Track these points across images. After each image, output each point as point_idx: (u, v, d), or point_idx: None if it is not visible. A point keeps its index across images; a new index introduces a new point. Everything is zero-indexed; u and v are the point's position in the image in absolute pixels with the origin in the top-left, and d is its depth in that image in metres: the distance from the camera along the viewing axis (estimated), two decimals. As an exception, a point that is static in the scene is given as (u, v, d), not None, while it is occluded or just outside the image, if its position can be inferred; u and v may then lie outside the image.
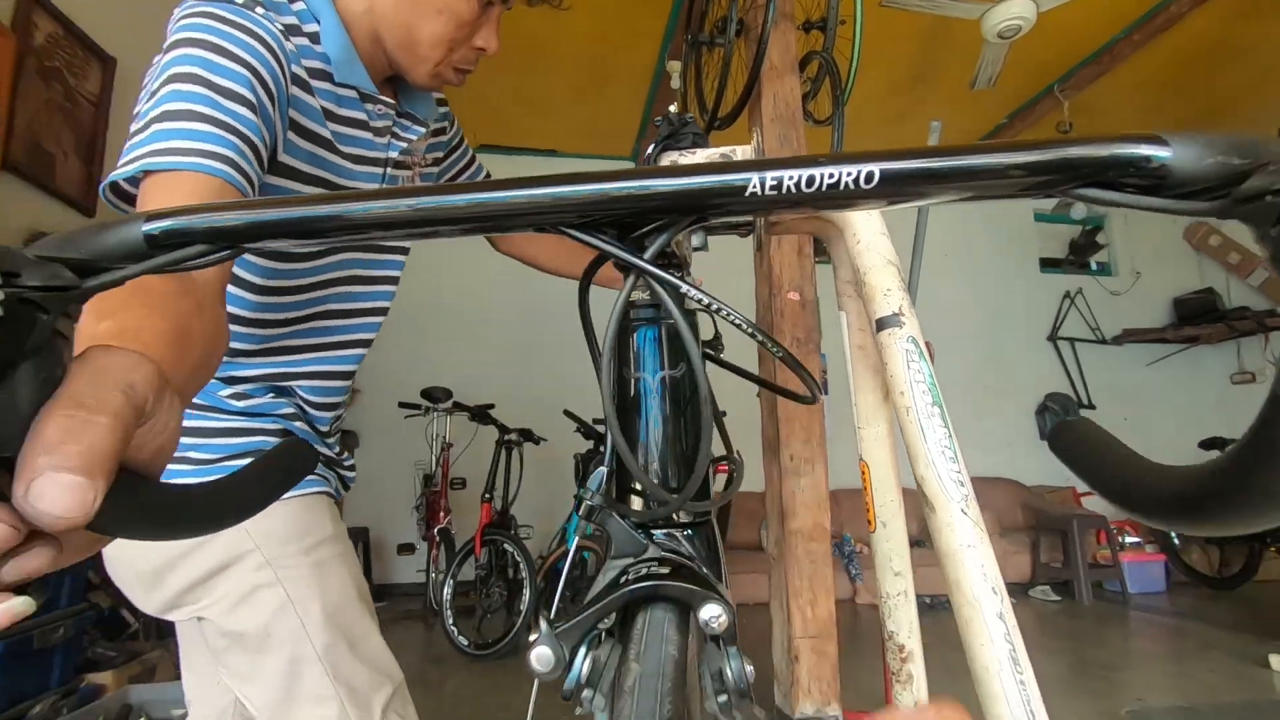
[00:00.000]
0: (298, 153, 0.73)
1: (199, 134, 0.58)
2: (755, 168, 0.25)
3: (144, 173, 0.57)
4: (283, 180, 0.72)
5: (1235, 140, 0.20)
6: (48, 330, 0.24)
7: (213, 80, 0.61)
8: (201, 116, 0.59)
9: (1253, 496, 0.20)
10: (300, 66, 0.71)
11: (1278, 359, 0.69)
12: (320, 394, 0.84)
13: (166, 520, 0.28)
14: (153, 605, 0.76)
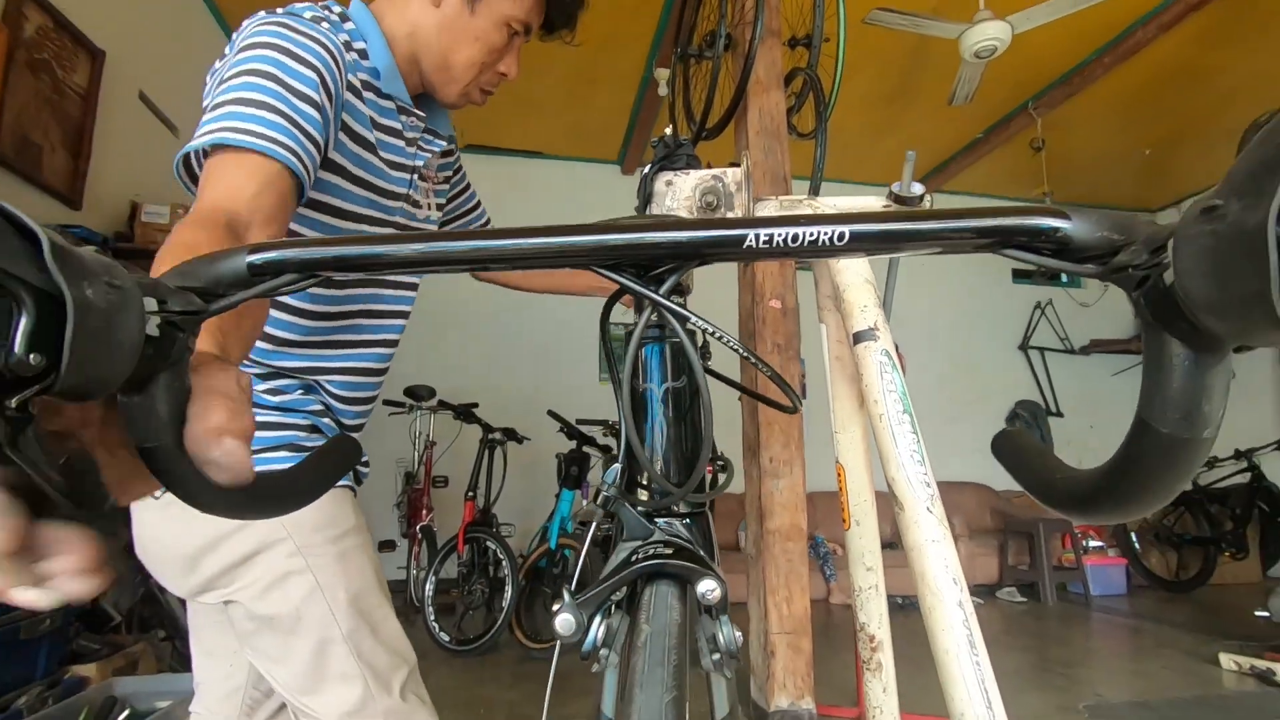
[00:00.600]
0: (346, 152, 0.79)
1: (270, 123, 0.65)
2: (752, 225, 0.31)
3: (215, 146, 0.64)
4: (330, 175, 0.79)
5: (1119, 219, 0.27)
6: (184, 347, 0.30)
7: (286, 80, 0.68)
8: (273, 109, 0.66)
9: (1121, 497, 0.27)
10: (355, 76, 0.79)
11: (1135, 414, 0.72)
12: (350, 389, 0.88)
13: (245, 502, 0.34)
14: (186, 587, 0.79)
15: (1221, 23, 3.52)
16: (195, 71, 3.45)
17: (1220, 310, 0.19)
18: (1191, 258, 0.20)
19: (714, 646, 0.37)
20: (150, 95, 2.95)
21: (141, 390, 0.31)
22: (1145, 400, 0.24)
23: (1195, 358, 0.22)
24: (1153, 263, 0.23)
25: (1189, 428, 0.23)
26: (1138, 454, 0.25)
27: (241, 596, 0.78)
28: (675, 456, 0.42)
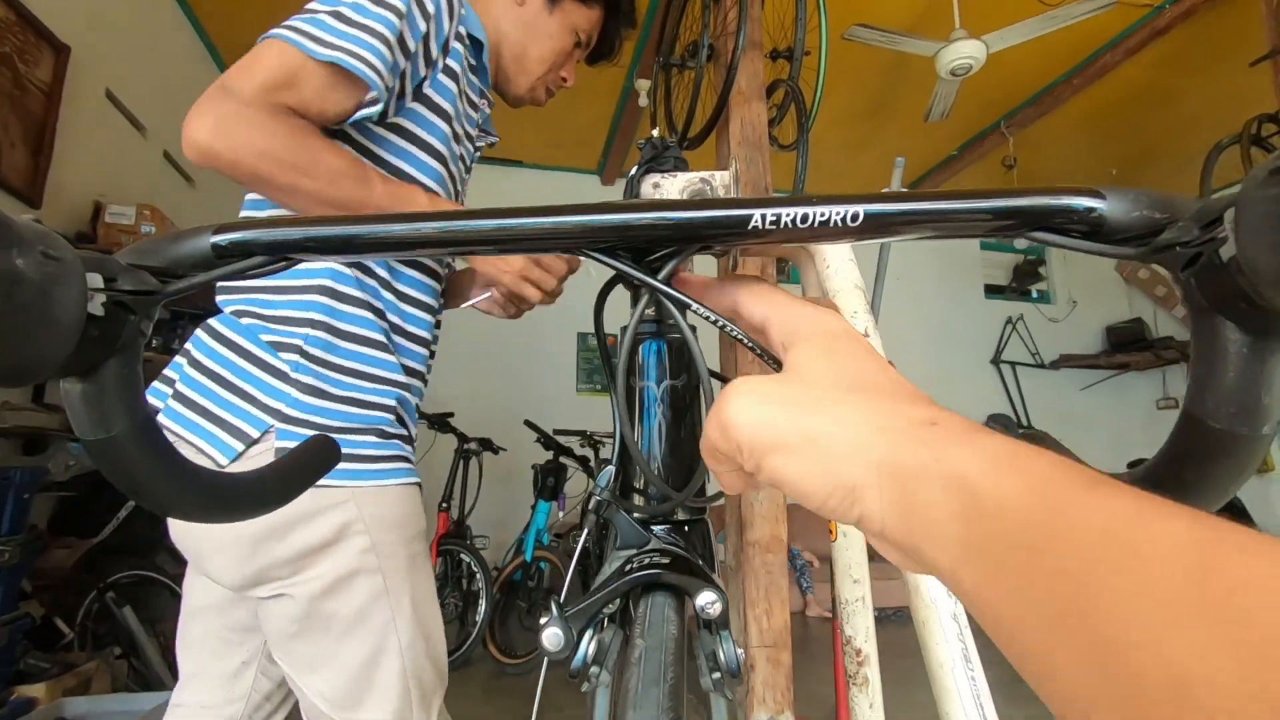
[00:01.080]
0: (443, 91, 0.82)
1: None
2: (758, 205, 0.29)
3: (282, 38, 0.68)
4: (420, 107, 0.81)
5: (1157, 196, 0.25)
6: (134, 330, 0.27)
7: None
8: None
9: None
10: (462, 44, 0.85)
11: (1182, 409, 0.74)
12: (419, 360, 0.86)
13: (209, 502, 0.31)
14: (237, 577, 0.72)
15: (1184, 48, 3.64)
16: (165, 71, 3.37)
17: None
18: (1257, 226, 0.18)
19: (714, 664, 0.34)
20: (117, 94, 2.87)
21: (87, 377, 0.27)
22: (1195, 394, 0.22)
23: (1254, 344, 0.21)
24: (1205, 238, 0.21)
25: (1246, 423, 0.21)
26: (1186, 454, 0.23)
27: (300, 591, 0.72)
28: (674, 460, 0.39)
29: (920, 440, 0.21)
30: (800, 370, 0.27)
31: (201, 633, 0.82)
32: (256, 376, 0.73)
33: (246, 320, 0.76)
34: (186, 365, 0.76)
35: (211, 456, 0.70)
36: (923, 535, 0.20)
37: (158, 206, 2.73)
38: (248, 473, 0.35)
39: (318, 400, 0.73)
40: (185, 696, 0.83)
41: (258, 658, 0.83)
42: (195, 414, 0.73)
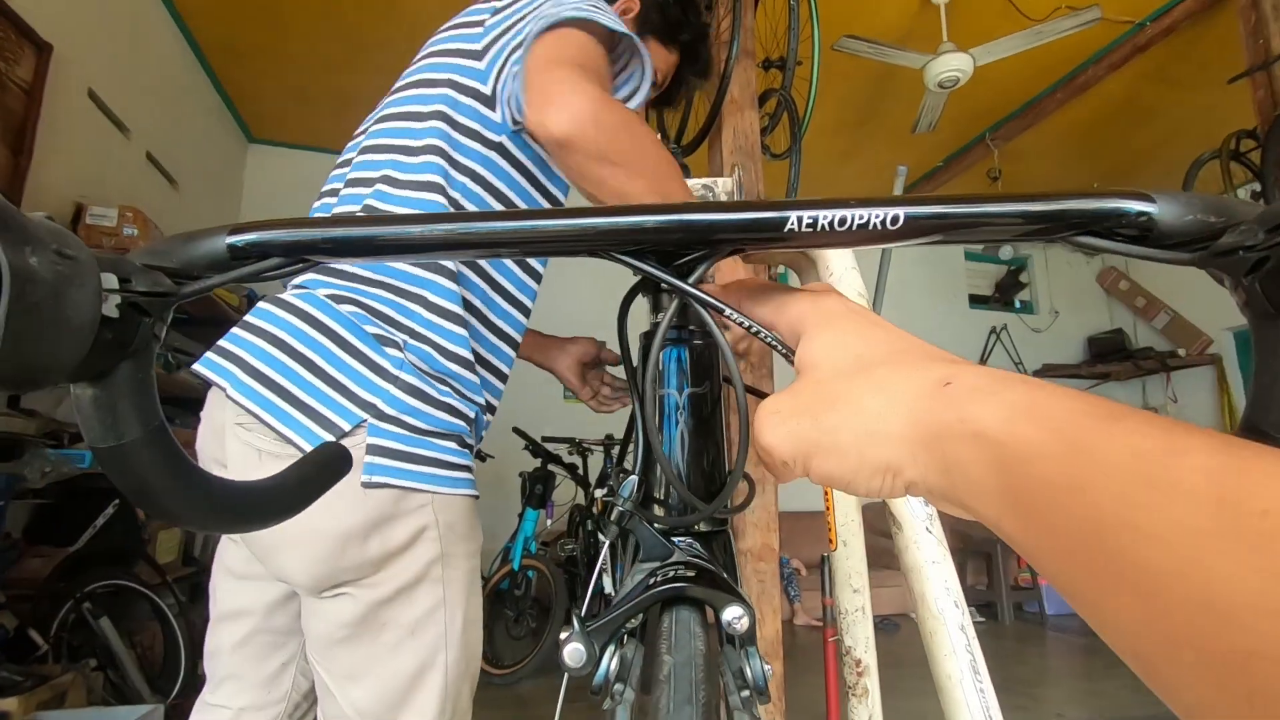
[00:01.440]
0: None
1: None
2: (793, 207, 0.28)
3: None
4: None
5: (1212, 200, 0.24)
6: (148, 333, 0.26)
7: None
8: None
9: None
10: None
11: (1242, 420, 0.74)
12: (495, 394, 0.88)
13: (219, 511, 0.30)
14: (315, 574, 0.68)
15: (1165, 64, 3.71)
16: (149, 72, 3.33)
17: None
18: None
19: (742, 682, 0.33)
20: (100, 94, 2.83)
21: (99, 381, 0.26)
22: (1258, 404, 0.22)
23: (1324, 352, 0.20)
24: (1271, 242, 0.20)
25: None
26: None
27: (365, 594, 0.69)
28: (696, 469, 0.38)
29: (939, 402, 0.22)
30: (809, 368, 0.28)
31: (241, 636, 0.79)
32: (354, 369, 0.70)
33: (347, 308, 0.72)
34: (263, 342, 0.71)
35: (296, 444, 0.67)
36: (965, 491, 0.21)
37: (140, 208, 2.69)
38: (262, 480, 0.33)
39: (416, 401, 0.71)
40: (223, 699, 0.80)
41: (297, 658, 0.81)
42: (279, 398, 0.68)
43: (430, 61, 0.83)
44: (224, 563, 0.80)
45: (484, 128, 0.78)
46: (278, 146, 4.61)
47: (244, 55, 3.68)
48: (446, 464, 0.73)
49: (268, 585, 0.78)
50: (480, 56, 0.78)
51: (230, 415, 0.71)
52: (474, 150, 0.77)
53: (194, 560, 2.99)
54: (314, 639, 0.72)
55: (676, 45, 0.99)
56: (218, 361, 0.72)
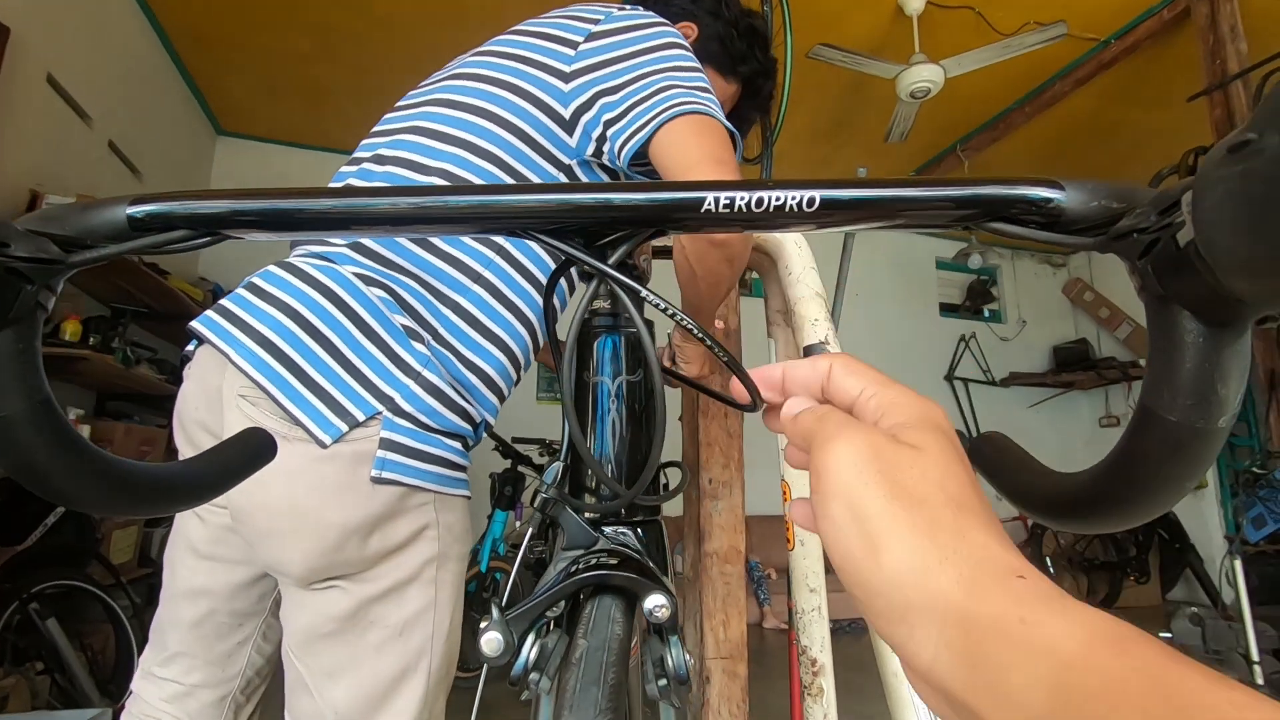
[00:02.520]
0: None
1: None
2: (711, 188, 0.28)
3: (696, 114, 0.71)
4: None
5: (1115, 187, 0.24)
6: (31, 300, 0.24)
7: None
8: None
9: (1123, 499, 0.25)
10: None
11: (1138, 402, 0.78)
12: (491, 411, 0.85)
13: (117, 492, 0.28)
14: (312, 565, 0.65)
15: (1128, 81, 3.81)
16: (111, 57, 3.26)
17: (1253, 267, 0.17)
18: (1216, 207, 0.17)
19: (661, 671, 0.33)
20: (60, 79, 2.75)
21: None
22: (1151, 386, 0.22)
23: (1210, 334, 0.20)
24: (1162, 224, 0.21)
25: (1203, 415, 0.21)
26: (1142, 449, 0.23)
27: (358, 589, 0.67)
28: (628, 457, 0.38)
29: (1007, 593, 0.19)
30: (923, 458, 0.23)
31: (198, 615, 0.76)
32: (376, 359, 0.67)
33: (375, 292, 0.70)
34: (279, 313, 0.67)
35: (306, 428, 0.64)
36: (988, 694, 0.18)
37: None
38: (177, 463, 0.32)
39: (434, 400, 0.69)
40: (174, 674, 0.77)
41: (253, 637, 0.80)
42: (294, 376, 0.65)
43: (505, 64, 0.80)
44: (186, 538, 0.77)
45: (557, 148, 0.77)
46: (248, 140, 4.53)
47: (213, 45, 3.61)
48: (450, 464, 0.72)
49: (233, 567, 0.76)
50: (567, 79, 0.77)
51: (233, 384, 0.67)
52: (541, 168, 0.77)
53: (150, 561, 2.91)
54: (296, 632, 0.69)
55: (736, 77, 0.98)
56: (222, 324, 0.68)
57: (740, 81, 0.99)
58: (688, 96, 0.72)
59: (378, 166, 0.77)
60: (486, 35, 0.89)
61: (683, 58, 0.77)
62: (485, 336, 0.74)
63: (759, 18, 1.02)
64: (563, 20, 0.82)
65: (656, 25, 0.80)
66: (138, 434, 2.81)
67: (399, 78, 4.15)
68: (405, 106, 0.84)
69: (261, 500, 0.65)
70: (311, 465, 0.64)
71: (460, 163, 0.74)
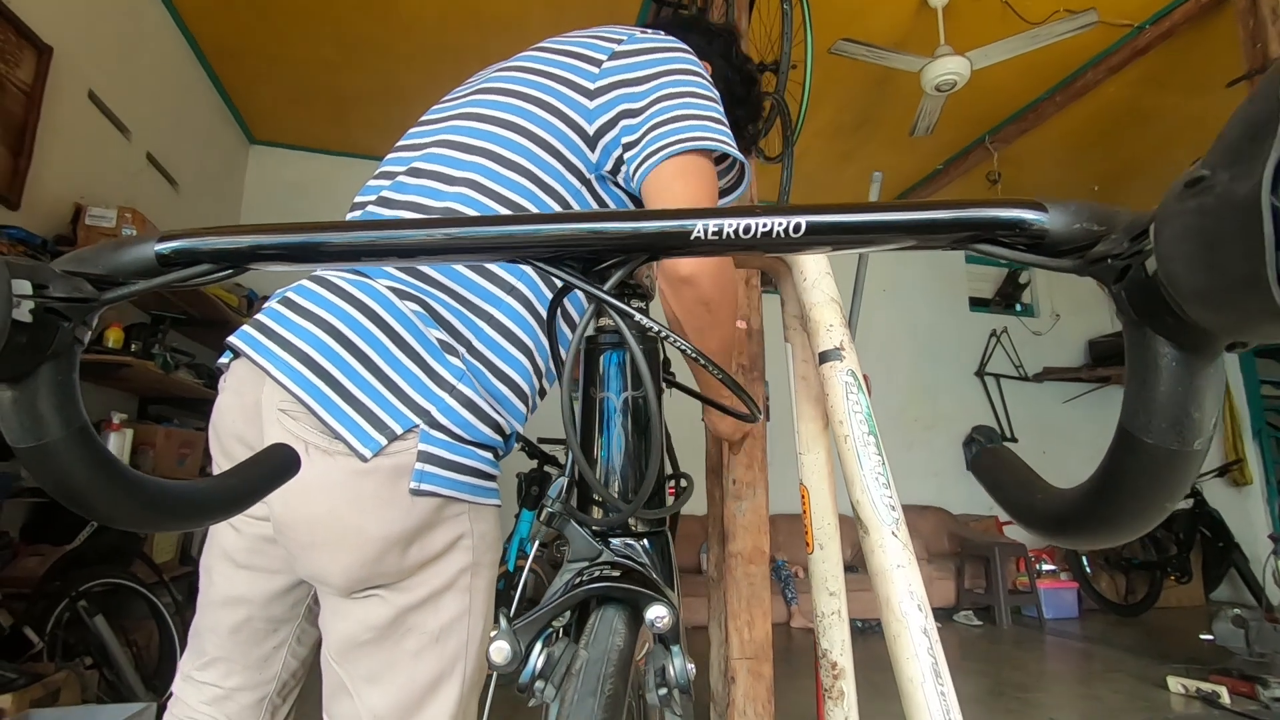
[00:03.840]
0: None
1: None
2: (700, 215, 0.29)
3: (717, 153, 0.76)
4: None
5: (1098, 209, 0.25)
6: (68, 337, 0.26)
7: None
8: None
9: (1104, 518, 0.25)
10: None
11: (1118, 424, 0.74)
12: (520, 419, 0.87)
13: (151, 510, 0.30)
14: (353, 576, 0.68)
15: (1164, 68, 3.70)
16: (149, 73, 3.36)
17: (1210, 299, 0.17)
18: (1175, 240, 0.18)
19: (662, 680, 0.34)
20: (101, 95, 2.85)
21: (17, 383, 0.27)
22: (1128, 408, 0.22)
23: (1183, 358, 0.20)
24: (1133, 251, 0.21)
25: (1178, 438, 0.21)
26: (1121, 470, 0.23)
27: (397, 598, 0.69)
28: (633, 471, 0.39)
29: None
30: None
31: (236, 622, 0.79)
32: (412, 373, 0.69)
33: (409, 306, 0.71)
34: (315, 328, 0.69)
35: (347, 441, 0.65)
36: None
37: (140, 209, 2.71)
38: (204, 480, 0.34)
39: (468, 413, 0.71)
40: (213, 678, 0.81)
41: (288, 641, 0.83)
42: (333, 390, 0.67)
43: (535, 79, 0.82)
44: (221, 548, 0.79)
45: (581, 162, 0.79)
46: (278, 148, 4.64)
47: (243, 57, 3.71)
48: (483, 474, 0.74)
49: (269, 577, 0.78)
50: (591, 96, 0.79)
51: (272, 399, 0.69)
52: (567, 180, 0.79)
53: (191, 560, 3.01)
54: (336, 639, 0.71)
55: (731, 117, 1.02)
56: (259, 339, 0.70)
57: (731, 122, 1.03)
58: (698, 130, 0.75)
59: (412, 179, 0.79)
60: (507, 42, 0.91)
61: (699, 84, 0.79)
62: (517, 347, 0.75)
63: (752, 64, 1.07)
64: (587, 39, 0.84)
65: (677, 50, 0.82)
66: (177, 437, 2.91)
67: (422, 84, 4.22)
68: (431, 121, 0.85)
69: (305, 514, 0.67)
70: (352, 479, 0.66)
71: (486, 172, 0.76)
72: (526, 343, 0.76)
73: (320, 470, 0.66)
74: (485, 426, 0.73)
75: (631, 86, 0.78)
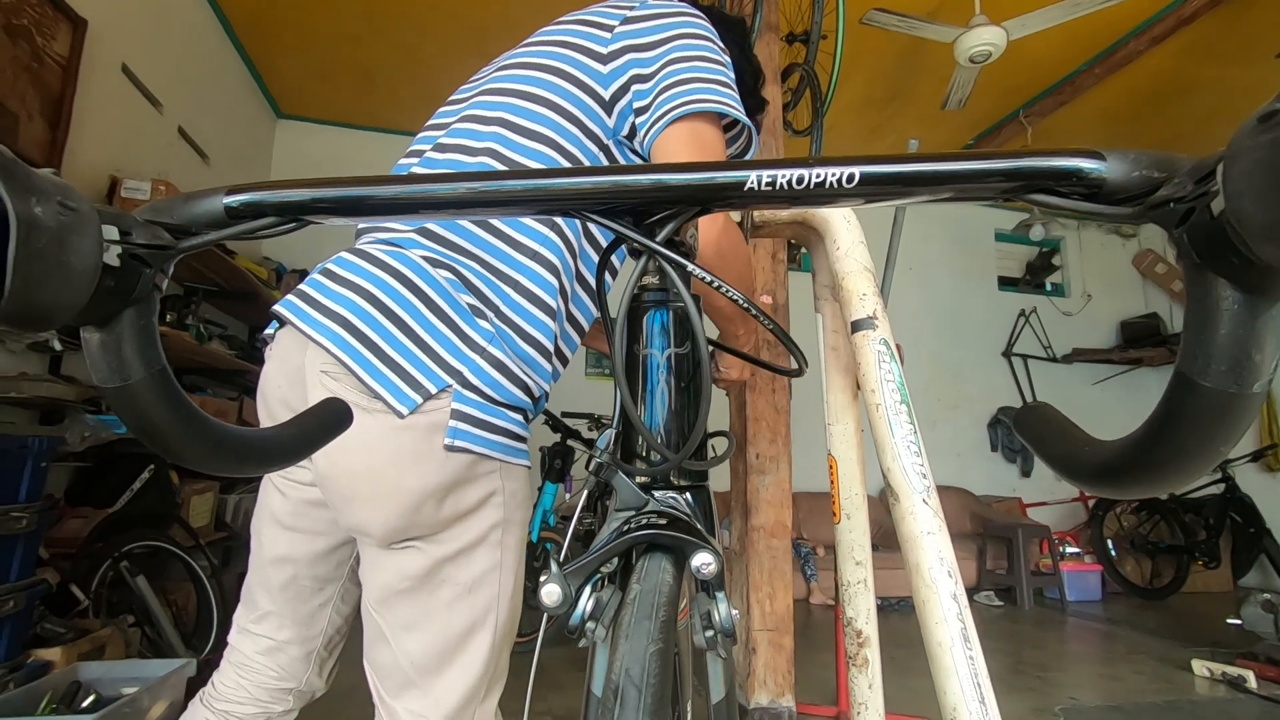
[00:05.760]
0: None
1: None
2: (753, 167, 0.29)
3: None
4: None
5: (1157, 156, 0.25)
6: (149, 283, 0.28)
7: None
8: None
9: (1158, 464, 0.25)
10: None
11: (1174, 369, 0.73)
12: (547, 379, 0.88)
13: (221, 453, 0.32)
14: (391, 526, 0.71)
15: (1210, 38, 3.56)
16: (179, 46, 3.39)
17: (1278, 234, 0.17)
18: (1246, 176, 0.18)
19: (708, 623, 0.35)
20: (134, 69, 2.89)
21: (104, 326, 0.28)
22: (1186, 352, 0.22)
23: (1245, 300, 0.21)
24: (1198, 193, 0.21)
25: (1236, 381, 0.21)
26: (1178, 413, 0.23)
27: (432, 549, 0.73)
28: (676, 426, 0.40)
29: None
30: None
31: (284, 580, 0.84)
32: (445, 335, 0.72)
33: (442, 274, 0.74)
34: (354, 295, 0.73)
35: (386, 400, 0.69)
36: None
37: (172, 181, 2.75)
38: (264, 429, 0.36)
39: (499, 374, 0.74)
40: (266, 631, 0.86)
41: (333, 599, 0.88)
42: (370, 352, 0.70)
43: (550, 49, 0.84)
44: (270, 511, 0.84)
45: (599, 127, 0.81)
46: (305, 122, 4.67)
47: (271, 31, 3.72)
48: (514, 435, 0.77)
49: (314, 538, 0.83)
50: (604, 61, 0.80)
51: (314, 362, 0.72)
52: (586, 146, 0.81)
53: (225, 525, 3.10)
54: (375, 589, 0.75)
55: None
56: (302, 307, 0.74)
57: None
58: (705, 92, 0.75)
59: (438, 154, 0.82)
60: (531, 13, 0.91)
61: (708, 48, 0.80)
62: (541, 309, 0.78)
63: (758, 63, 1.06)
64: (600, 8, 0.86)
65: (687, 14, 0.82)
66: (211, 406, 2.98)
67: (447, 57, 4.20)
68: (458, 100, 0.88)
69: (346, 467, 0.71)
70: (390, 434, 0.69)
71: (504, 141, 0.79)
72: (551, 304, 0.78)
73: (360, 426, 0.69)
74: (515, 387, 0.75)
75: (642, 51, 0.79)
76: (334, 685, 0.93)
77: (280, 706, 0.87)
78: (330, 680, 0.92)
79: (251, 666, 0.85)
